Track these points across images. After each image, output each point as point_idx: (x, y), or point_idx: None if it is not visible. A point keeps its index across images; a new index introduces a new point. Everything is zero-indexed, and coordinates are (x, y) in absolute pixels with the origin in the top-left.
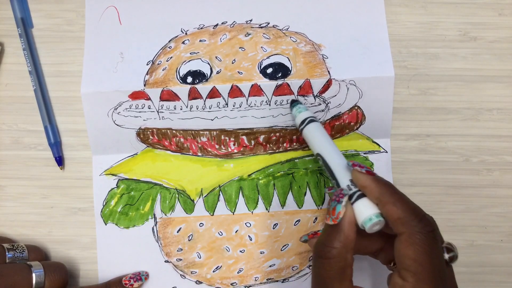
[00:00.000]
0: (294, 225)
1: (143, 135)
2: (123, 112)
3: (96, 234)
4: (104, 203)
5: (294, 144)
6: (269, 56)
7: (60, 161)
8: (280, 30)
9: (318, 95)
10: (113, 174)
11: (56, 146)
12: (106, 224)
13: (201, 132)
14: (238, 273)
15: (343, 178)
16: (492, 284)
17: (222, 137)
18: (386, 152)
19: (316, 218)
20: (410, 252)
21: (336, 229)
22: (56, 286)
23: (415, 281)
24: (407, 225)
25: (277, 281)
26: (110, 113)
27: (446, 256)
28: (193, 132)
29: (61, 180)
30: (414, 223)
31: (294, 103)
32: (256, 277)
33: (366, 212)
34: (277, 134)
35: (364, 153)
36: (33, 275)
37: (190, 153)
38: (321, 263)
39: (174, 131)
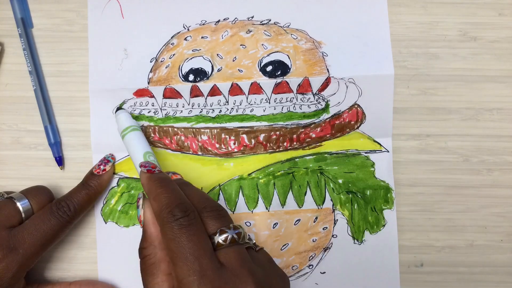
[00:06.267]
0: (294, 224)
1: (144, 133)
2: (127, 109)
3: (96, 233)
4: (105, 202)
5: (295, 143)
6: (269, 54)
7: (60, 161)
8: (281, 27)
9: (317, 93)
10: (113, 173)
11: (56, 146)
12: (106, 223)
13: (201, 130)
14: None
15: None
16: (492, 284)
17: (223, 136)
18: (388, 151)
19: (316, 218)
20: (165, 241)
21: (143, 231)
22: (43, 204)
23: (174, 268)
24: (160, 217)
25: None
26: (115, 110)
27: (219, 238)
28: (194, 130)
29: (61, 180)
30: (165, 214)
31: (118, 110)
32: None
33: None
34: (277, 132)
35: (366, 153)
36: (18, 204)
37: (190, 152)
38: (140, 263)
39: (175, 129)
